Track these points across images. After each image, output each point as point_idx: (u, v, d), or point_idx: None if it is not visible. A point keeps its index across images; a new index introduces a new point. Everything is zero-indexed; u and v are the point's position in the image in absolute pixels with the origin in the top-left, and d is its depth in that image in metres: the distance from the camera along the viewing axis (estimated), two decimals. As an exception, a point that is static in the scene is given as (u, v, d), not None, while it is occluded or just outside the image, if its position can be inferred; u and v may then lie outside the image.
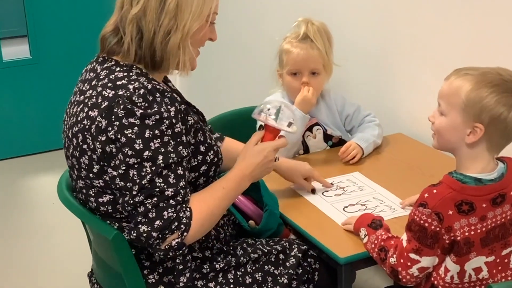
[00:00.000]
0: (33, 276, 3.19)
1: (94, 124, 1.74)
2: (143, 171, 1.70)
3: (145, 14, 1.78)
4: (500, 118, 1.67)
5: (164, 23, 1.78)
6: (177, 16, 1.78)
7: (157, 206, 1.70)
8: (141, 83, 1.75)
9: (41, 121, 4.45)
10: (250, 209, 2.13)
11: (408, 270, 1.74)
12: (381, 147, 2.62)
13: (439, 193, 1.70)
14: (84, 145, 1.78)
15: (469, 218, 1.71)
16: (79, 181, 1.85)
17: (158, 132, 1.71)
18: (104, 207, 1.82)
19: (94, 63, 1.89)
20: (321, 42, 2.52)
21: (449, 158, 1.92)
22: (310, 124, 2.56)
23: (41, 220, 3.69)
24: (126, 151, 1.70)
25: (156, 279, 1.85)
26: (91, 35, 1.97)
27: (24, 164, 4.37)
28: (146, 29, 1.79)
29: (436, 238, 1.70)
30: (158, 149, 1.71)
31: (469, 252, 1.73)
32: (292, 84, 2.54)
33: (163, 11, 1.78)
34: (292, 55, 2.51)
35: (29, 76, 4.40)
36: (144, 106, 1.71)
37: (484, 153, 1.72)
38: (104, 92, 1.76)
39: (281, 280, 1.96)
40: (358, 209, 2.12)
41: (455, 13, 2.53)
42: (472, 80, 1.69)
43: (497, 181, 1.73)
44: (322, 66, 2.53)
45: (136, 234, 1.71)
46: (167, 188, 1.71)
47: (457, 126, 1.71)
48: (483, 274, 1.76)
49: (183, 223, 1.72)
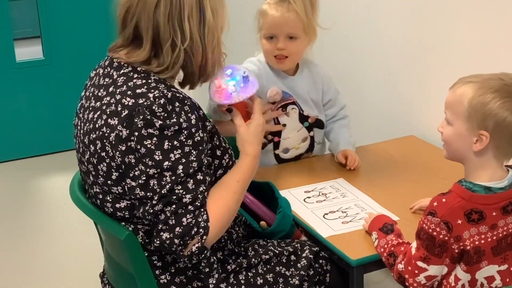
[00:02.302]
0: (45, 276, 3.20)
1: (114, 132, 1.74)
2: (163, 180, 1.70)
3: (193, 42, 1.80)
4: (504, 123, 1.65)
5: (208, 40, 1.81)
6: (216, 28, 1.82)
7: (176, 213, 1.70)
8: (161, 91, 1.74)
9: (54, 121, 4.47)
10: (262, 211, 2.13)
11: (415, 278, 1.74)
12: (393, 149, 2.61)
13: (448, 202, 1.69)
14: (102, 152, 1.77)
15: (479, 227, 1.70)
16: (95, 186, 1.85)
17: (177, 143, 1.72)
18: (121, 212, 1.83)
19: (107, 68, 1.87)
20: (300, 4, 2.30)
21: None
22: (285, 103, 2.42)
23: (53, 220, 3.71)
24: (147, 161, 1.70)
25: (168, 279, 1.85)
26: (104, 36, 1.97)
27: (36, 165, 4.39)
28: (196, 55, 1.82)
29: (444, 247, 1.69)
30: (178, 160, 1.71)
31: (480, 261, 1.71)
32: (266, 47, 2.36)
33: (205, 29, 1.80)
34: (267, 18, 2.32)
35: (42, 77, 4.42)
36: (163, 116, 1.71)
37: (492, 161, 1.71)
38: (123, 100, 1.75)
39: (293, 282, 1.96)
40: (338, 216, 2.11)
41: (469, 16, 2.52)
42: (474, 87, 1.68)
43: (508, 189, 1.71)
44: (302, 30, 2.32)
45: (160, 242, 1.71)
46: (186, 194, 1.71)
47: (463, 135, 1.70)
48: (496, 283, 1.74)
49: (201, 227, 1.72)
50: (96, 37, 4.28)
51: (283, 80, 2.43)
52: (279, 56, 2.36)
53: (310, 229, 2.07)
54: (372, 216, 2.00)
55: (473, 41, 2.51)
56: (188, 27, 1.78)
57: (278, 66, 2.40)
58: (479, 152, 1.69)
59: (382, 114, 3.03)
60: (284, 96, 2.42)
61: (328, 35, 2.53)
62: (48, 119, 4.48)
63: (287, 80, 2.44)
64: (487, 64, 2.20)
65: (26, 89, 4.41)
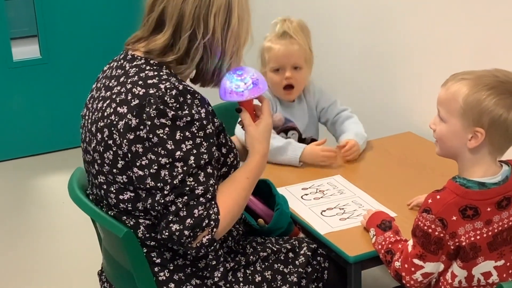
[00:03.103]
0: (43, 274, 3.20)
1: (123, 121, 1.74)
2: (174, 171, 1.71)
3: (214, 39, 1.82)
4: (500, 119, 1.65)
5: (229, 45, 1.83)
6: (239, 36, 1.84)
7: (188, 205, 1.71)
8: (173, 83, 1.75)
9: (51, 120, 4.47)
10: (259, 208, 2.13)
11: (412, 275, 1.74)
12: (391, 146, 2.61)
13: (442, 198, 1.69)
14: (109, 140, 1.78)
15: (474, 222, 1.70)
16: (100, 176, 1.85)
17: (189, 134, 1.72)
18: (124, 204, 1.83)
19: (121, 60, 1.89)
20: (301, 37, 2.53)
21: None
22: (287, 128, 2.59)
23: (51, 219, 3.71)
24: (159, 150, 1.71)
25: (167, 276, 1.85)
26: (101, 35, 1.98)
27: (34, 164, 4.39)
28: (214, 54, 1.83)
29: (440, 244, 1.70)
30: (190, 150, 1.72)
31: (476, 257, 1.72)
32: (274, 79, 2.56)
33: (228, 33, 1.83)
34: (273, 52, 2.54)
35: (39, 76, 4.42)
36: (176, 107, 1.72)
37: (486, 157, 1.71)
38: (134, 90, 1.76)
39: (291, 279, 1.96)
40: (336, 213, 2.12)
41: (464, 11, 2.53)
42: (469, 84, 1.68)
43: (501, 184, 1.72)
44: (304, 61, 2.55)
45: (169, 233, 1.71)
46: (197, 186, 1.72)
47: (458, 132, 1.70)
48: (493, 279, 1.75)
49: (212, 219, 1.72)
50: (93, 35, 4.28)
51: (284, 106, 2.62)
52: (287, 87, 2.56)
53: (308, 226, 2.07)
54: (370, 213, 2.01)
55: (469, 38, 2.52)
56: (212, 23, 1.80)
57: (287, 97, 2.60)
58: (474, 149, 1.70)
59: (380, 110, 3.03)
60: (285, 122, 2.59)
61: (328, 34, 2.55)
62: (45, 118, 4.48)
63: (288, 106, 2.62)
64: (483, 61, 2.20)
65: (23, 88, 4.40)
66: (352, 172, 2.41)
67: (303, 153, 2.42)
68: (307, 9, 3.22)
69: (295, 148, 2.44)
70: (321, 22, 3.22)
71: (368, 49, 3.03)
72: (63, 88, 4.42)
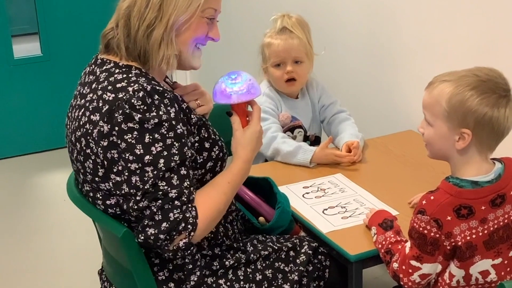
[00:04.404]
0: (43, 273, 3.20)
1: (96, 128, 1.73)
2: (145, 176, 1.69)
3: (133, 9, 1.78)
4: (485, 119, 1.65)
5: (147, 16, 1.76)
6: (161, 9, 1.76)
7: (163, 208, 1.69)
8: (141, 85, 1.73)
9: (52, 118, 4.46)
10: (260, 206, 2.13)
11: (409, 277, 1.74)
12: (392, 144, 2.61)
13: (436, 199, 1.69)
14: (87, 149, 1.77)
15: (469, 222, 1.70)
16: (85, 185, 1.85)
17: (158, 135, 1.70)
18: (112, 209, 1.82)
19: (92, 65, 1.88)
20: (300, 32, 2.56)
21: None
22: (293, 125, 2.61)
23: (52, 217, 3.70)
24: (127, 156, 1.69)
25: (166, 276, 1.85)
26: (101, 32, 1.97)
27: (34, 162, 4.38)
28: (132, 24, 1.78)
29: (436, 245, 1.69)
30: (160, 153, 1.70)
31: (473, 256, 1.71)
32: (276, 74, 2.58)
33: (149, 4, 1.77)
34: (273, 47, 2.56)
35: (40, 73, 4.41)
36: (143, 109, 1.70)
37: (476, 156, 1.71)
38: (104, 96, 1.75)
39: (292, 277, 1.95)
40: (338, 212, 2.11)
41: (465, 8, 2.52)
42: (451, 86, 1.68)
43: (494, 182, 1.72)
44: (305, 55, 2.57)
45: (144, 237, 1.70)
46: (171, 190, 1.70)
47: (445, 135, 1.71)
48: (491, 277, 1.74)
49: (189, 223, 1.71)
50: (94, 33, 4.23)
51: (288, 104, 2.63)
52: (289, 80, 2.57)
53: (310, 225, 2.06)
54: (373, 211, 2.00)
55: (471, 37, 2.51)
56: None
57: (289, 89, 2.61)
58: (462, 150, 1.70)
59: (381, 108, 3.03)
60: (292, 120, 2.61)
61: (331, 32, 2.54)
62: (46, 115, 4.47)
63: (292, 104, 2.64)
64: (485, 60, 2.19)
65: (24, 86, 4.40)
66: (353, 170, 2.41)
67: (314, 156, 2.42)
68: (308, 8, 3.22)
69: (305, 151, 2.44)
70: (324, 19, 3.21)
71: (370, 48, 3.03)
72: (64, 85, 4.40)
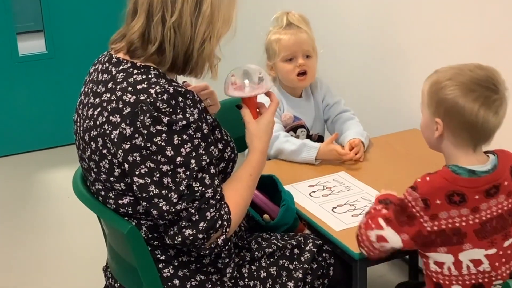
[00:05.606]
0: (48, 269, 3.20)
1: (117, 130, 1.72)
2: (177, 177, 1.70)
3: (181, 21, 1.77)
4: (454, 109, 1.68)
5: (200, 30, 1.77)
6: (212, 23, 1.79)
7: (200, 209, 1.71)
8: (162, 87, 1.72)
9: (57, 115, 4.46)
10: (265, 204, 2.13)
11: (367, 230, 1.76)
12: (396, 143, 2.61)
13: (431, 181, 1.71)
14: (104, 149, 1.76)
15: (461, 209, 1.71)
16: (97, 183, 1.85)
17: (186, 137, 1.71)
18: (124, 208, 1.82)
19: (106, 63, 1.86)
20: (306, 27, 2.56)
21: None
22: (296, 125, 2.60)
23: (57, 214, 3.71)
24: (159, 158, 1.70)
25: (171, 273, 1.85)
26: (107, 30, 1.96)
27: (39, 158, 4.39)
28: (183, 37, 1.77)
29: (410, 221, 1.71)
30: (189, 153, 1.71)
31: (462, 243, 1.72)
32: (287, 67, 2.55)
33: (199, 18, 1.77)
34: (283, 42, 2.53)
35: (45, 70, 4.42)
36: (169, 112, 1.70)
37: (453, 149, 1.73)
38: (124, 97, 1.74)
39: (296, 275, 1.96)
40: (347, 210, 2.12)
41: (469, 9, 2.52)
42: (434, 76, 1.73)
43: (491, 173, 1.73)
44: (312, 49, 2.56)
45: (182, 239, 1.71)
46: (206, 190, 1.72)
47: (427, 124, 1.76)
48: (484, 267, 1.75)
49: (225, 219, 1.74)
50: (99, 30, 4.26)
51: (291, 104, 2.61)
52: (300, 74, 2.55)
53: (316, 225, 2.06)
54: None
55: (475, 35, 2.51)
56: (180, 4, 1.76)
57: (300, 84, 2.58)
58: (439, 140, 1.73)
59: (385, 107, 3.03)
60: (294, 119, 2.60)
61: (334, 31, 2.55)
62: (50, 113, 4.48)
63: (295, 103, 2.62)
64: (490, 56, 2.19)
65: (29, 83, 4.41)
66: (357, 168, 2.41)
67: (319, 152, 2.42)
68: (312, 7, 3.21)
69: (309, 149, 2.43)
70: (328, 19, 3.21)
71: (374, 47, 3.03)
72: (68, 83, 4.42)
